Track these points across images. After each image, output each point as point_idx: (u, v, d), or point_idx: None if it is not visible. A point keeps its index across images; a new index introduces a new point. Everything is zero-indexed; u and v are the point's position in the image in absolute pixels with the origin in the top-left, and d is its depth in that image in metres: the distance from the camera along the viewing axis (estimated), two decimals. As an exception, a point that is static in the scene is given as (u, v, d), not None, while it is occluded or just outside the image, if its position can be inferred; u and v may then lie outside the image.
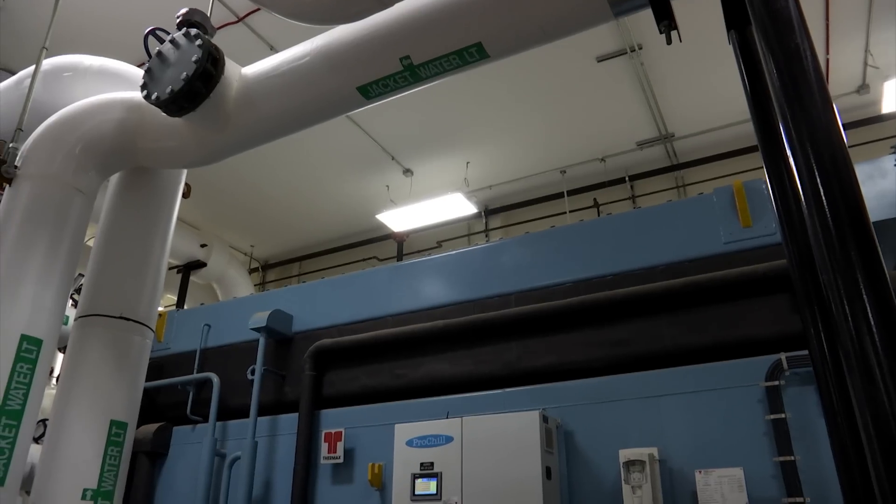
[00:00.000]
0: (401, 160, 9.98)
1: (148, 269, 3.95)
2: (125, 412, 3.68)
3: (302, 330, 5.67)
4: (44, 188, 3.54)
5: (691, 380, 4.05)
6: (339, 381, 5.29)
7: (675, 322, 4.23)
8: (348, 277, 5.93)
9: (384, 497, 4.64)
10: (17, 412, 3.15)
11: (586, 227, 5.07)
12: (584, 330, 4.48)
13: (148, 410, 5.90)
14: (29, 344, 3.24)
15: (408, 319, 5.16)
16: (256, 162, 9.64)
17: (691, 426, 3.96)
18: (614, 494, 3.91)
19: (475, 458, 4.10)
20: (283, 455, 5.24)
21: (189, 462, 5.64)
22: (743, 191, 4.38)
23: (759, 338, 3.99)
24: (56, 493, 3.40)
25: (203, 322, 6.21)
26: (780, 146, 1.53)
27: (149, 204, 4.03)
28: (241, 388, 5.57)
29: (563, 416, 4.31)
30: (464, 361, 4.82)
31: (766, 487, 3.64)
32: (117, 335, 3.73)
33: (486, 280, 5.05)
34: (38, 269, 3.39)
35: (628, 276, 4.50)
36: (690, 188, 9.72)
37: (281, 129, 3.46)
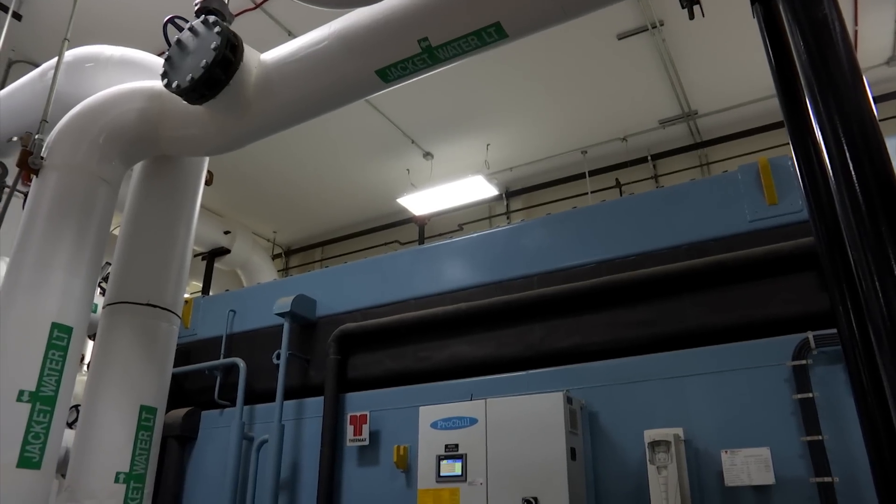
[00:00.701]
0: (421, 143, 9.96)
1: (173, 256, 3.99)
2: (154, 397, 3.74)
3: (325, 314, 5.71)
4: (69, 178, 3.58)
5: (716, 360, 4.01)
6: (363, 364, 5.33)
7: (700, 302, 4.19)
8: (370, 262, 5.95)
9: (410, 478, 4.69)
10: (51, 398, 3.22)
11: (608, 207, 5.03)
12: (607, 311, 4.45)
13: (177, 395, 6.00)
14: (60, 332, 3.30)
15: (430, 302, 5.17)
16: (278, 148, 9.68)
17: (717, 406, 3.93)
18: (639, 475, 3.91)
19: (499, 440, 4.12)
20: (310, 438, 5.31)
21: (218, 445, 5.74)
22: (768, 167, 4.30)
23: (786, 317, 3.94)
24: (90, 477, 3.48)
25: (228, 308, 6.29)
26: (807, 121, 1.50)
27: (172, 192, 4.07)
28: (267, 373, 5.64)
29: (587, 397, 4.30)
30: (487, 344, 4.83)
31: (793, 467, 3.61)
32: (145, 322, 3.79)
33: (508, 262, 5.03)
34: (67, 258, 3.44)
35: (652, 256, 4.46)
36: (714, 166, 9.58)
37: (301, 115, 3.46)
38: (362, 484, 4.94)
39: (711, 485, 3.79)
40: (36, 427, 3.14)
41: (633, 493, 3.95)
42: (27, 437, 3.10)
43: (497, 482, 4.04)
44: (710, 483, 3.80)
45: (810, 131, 1.49)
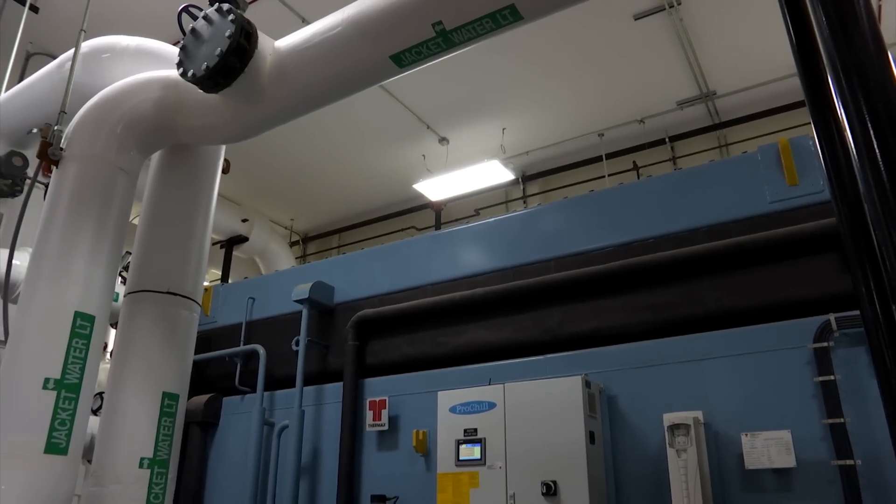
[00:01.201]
0: (436, 129, 9.93)
1: (192, 244, 4.02)
2: (176, 384, 3.79)
3: (343, 301, 5.74)
4: (89, 168, 3.61)
5: (736, 343, 3.99)
6: (381, 350, 5.36)
7: (720, 285, 4.16)
8: (388, 248, 5.96)
9: (429, 462, 4.72)
10: (75, 385, 3.27)
11: (626, 189, 4.99)
12: (625, 294, 4.43)
13: (198, 382, 6.08)
14: (83, 320, 3.35)
15: (448, 288, 5.18)
16: (294, 136, 9.70)
17: (737, 389, 3.91)
18: (659, 458, 3.90)
19: (518, 424, 4.13)
20: (330, 423, 5.36)
21: (239, 431, 5.81)
22: (789, 148, 4.24)
23: (807, 299, 3.90)
24: (115, 462, 3.54)
25: (247, 295, 6.34)
26: (829, 99, 1.47)
27: (190, 180, 4.09)
28: (287, 359, 5.68)
29: (606, 381, 4.30)
30: (505, 328, 4.83)
31: (814, 450, 3.59)
32: (165, 310, 3.83)
33: (525, 246, 5.02)
34: (88, 248, 3.48)
35: (670, 238, 4.43)
36: (733, 147, 9.46)
37: (316, 102, 3.46)
38: (382, 468, 4.99)
39: (731, 468, 3.78)
40: (62, 414, 3.19)
41: (652, 476, 3.95)
42: (53, 424, 3.15)
43: (516, 466, 4.05)
44: (730, 466, 3.78)
45: (832, 109, 1.46)
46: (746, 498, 3.70)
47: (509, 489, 4.02)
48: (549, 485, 3.86)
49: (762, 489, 3.67)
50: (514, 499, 3.98)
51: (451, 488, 4.22)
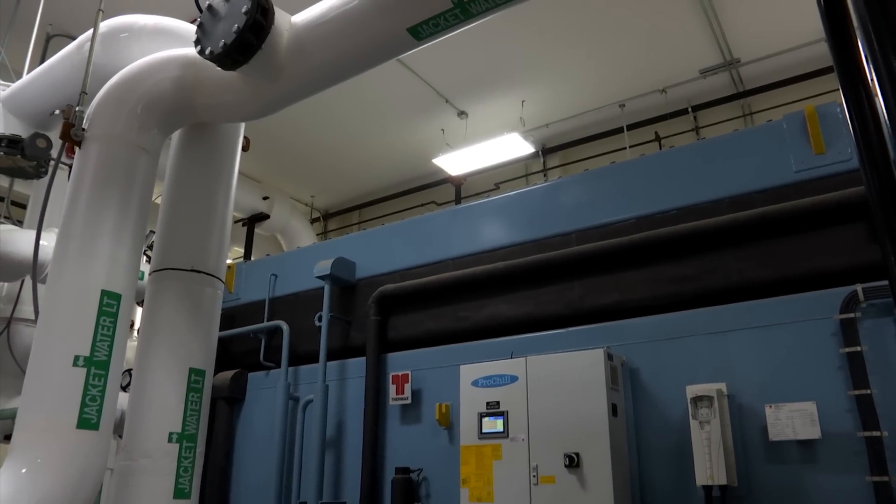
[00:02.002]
0: (455, 102, 9.85)
1: (214, 222, 4.05)
2: (202, 360, 3.85)
3: (365, 276, 5.77)
4: (111, 148, 3.64)
5: (761, 314, 3.95)
6: (403, 325, 5.39)
7: (744, 256, 4.11)
8: (408, 223, 5.97)
9: (452, 435, 4.76)
10: (104, 363, 3.33)
11: (648, 161, 4.93)
12: (648, 267, 4.40)
13: (224, 358, 6.18)
14: (109, 299, 3.40)
15: (469, 262, 5.18)
16: (313, 113, 9.69)
17: (761, 361, 3.88)
18: (681, 430, 3.90)
19: (540, 397, 4.15)
20: (353, 397, 5.42)
21: (265, 406, 5.91)
22: (815, 115, 4.15)
23: (833, 269, 3.84)
24: (145, 437, 3.61)
25: (270, 272, 6.39)
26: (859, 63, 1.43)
27: (210, 159, 4.11)
28: (310, 335, 5.74)
29: (628, 353, 4.29)
30: (526, 302, 4.83)
31: (840, 421, 3.56)
32: (190, 287, 3.87)
33: (546, 220, 4.99)
34: (112, 228, 3.52)
35: (693, 210, 4.37)
36: (758, 116, 9.27)
37: (333, 77, 3.44)
38: (406, 441, 5.04)
39: (755, 439, 3.77)
40: (92, 390, 3.26)
41: (675, 448, 3.96)
42: (84, 400, 3.22)
43: (539, 438, 4.08)
44: (754, 438, 3.77)
45: (862, 74, 1.42)
46: (770, 469, 3.70)
47: (532, 461, 4.05)
48: (572, 457, 3.88)
49: (786, 461, 3.66)
50: (536, 471, 4.01)
51: (474, 460, 4.26)
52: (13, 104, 5.21)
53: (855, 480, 3.45)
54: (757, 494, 3.69)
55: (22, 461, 3.11)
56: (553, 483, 3.94)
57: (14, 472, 3.09)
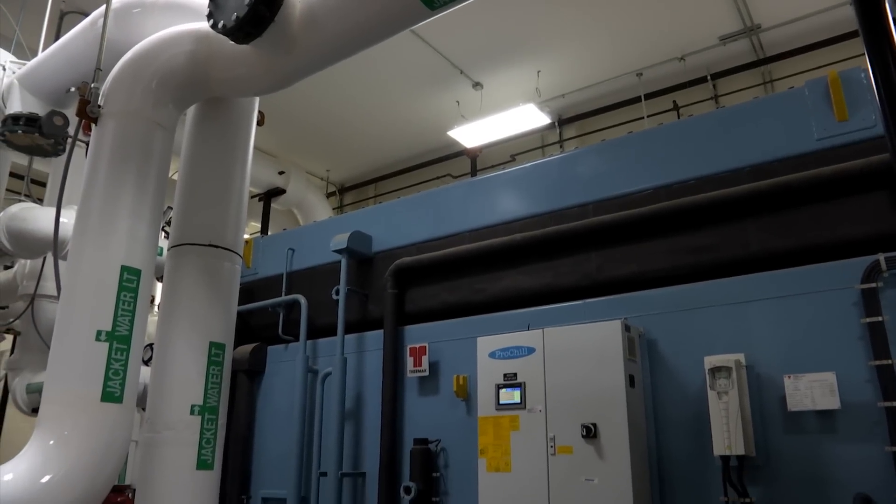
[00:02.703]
0: (470, 74, 9.75)
1: (231, 197, 4.07)
2: (222, 334, 3.90)
3: (381, 250, 5.78)
4: (127, 125, 3.66)
5: (781, 284, 3.91)
6: (420, 297, 5.41)
7: (764, 226, 4.06)
8: (424, 195, 5.96)
9: (470, 406, 4.80)
10: (126, 337, 3.38)
11: (666, 130, 4.86)
12: (666, 237, 4.37)
13: (243, 332, 6.25)
14: (129, 274, 3.45)
15: (485, 234, 5.17)
16: (327, 86, 9.65)
17: (780, 332, 3.85)
18: (699, 401, 3.90)
19: (558, 369, 4.16)
20: (371, 369, 5.47)
21: (284, 378, 5.98)
22: (839, 81, 4.06)
23: (855, 239, 3.79)
24: (167, 409, 3.68)
25: (287, 247, 6.43)
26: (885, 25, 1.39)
27: (226, 134, 4.12)
28: (327, 308, 5.78)
29: (646, 324, 4.28)
30: (543, 274, 4.82)
31: (860, 392, 3.54)
32: (208, 262, 3.91)
33: (562, 191, 4.96)
34: (130, 204, 3.55)
35: (712, 179, 4.32)
36: (779, 84, 9.09)
37: (347, 48, 3.42)
38: (424, 412, 5.09)
39: (773, 410, 3.76)
40: (115, 364, 3.32)
41: (692, 418, 3.96)
42: (108, 374, 3.28)
43: (556, 409, 4.10)
44: (772, 408, 3.76)
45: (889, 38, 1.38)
46: (788, 439, 3.69)
47: (549, 432, 4.07)
48: (590, 427, 3.90)
49: (805, 431, 3.65)
50: (554, 441, 4.03)
51: (491, 431, 4.30)
52: (29, 82, 5.23)
53: (874, 450, 3.44)
54: (775, 464, 3.69)
55: (49, 433, 3.19)
56: (570, 453, 3.97)
57: (42, 444, 3.17)
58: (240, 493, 5.90)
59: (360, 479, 5.30)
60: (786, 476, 3.65)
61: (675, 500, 3.94)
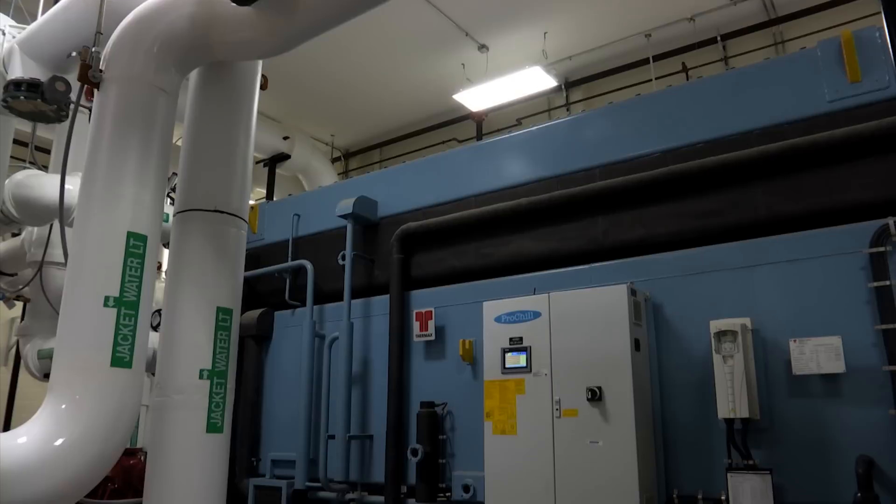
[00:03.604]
0: (475, 35, 9.61)
1: (235, 162, 4.06)
2: (229, 299, 3.92)
3: (387, 215, 5.77)
4: (129, 89, 3.63)
5: (788, 248, 3.89)
6: (426, 262, 5.41)
7: (773, 189, 4.02)
8: (430, 160, 5.92)
9: (476, 370, 4.84)
10: (134, 303, 3.41)
11: (674, 92, 4.79)
12: (673, 201, 4.34)
13: (250, 298, 6.28)
14: (135, 240, 3.46)
15: (491, 199, 5.14)
16: (330, 49, 9.52)
17: (788, 296, 3.85)
18: (704, 365, 3.91)
19: (563, 333, 4.17)
20: (378, 334, 5.51)
21: (292, 343, 6.03)
22: (852, 41, 3.97)
23: (864, 203, 3.75)
24: (177, 374, 3.73)
25: (292, 212, 6.42)
26: (903, -17, 1.35)
27: (229, 98, 4.09)
28: (334, 274, 5.80)
29: (652, 289, 4.28)
30: (549, 238, 4.81)
31: (865, 356, 3.54)
32: (214, 228, 3.92)
33: (569, 155, 4.91)
34: (135, 170, 3.55)
35: (721, 142, 4.27)
36: (790, 45, 8.92)
37: (351, 8, 3.36)
38: (430, 376, 5.14)
39: (778, 373, 3.77)
40: (123, 330, 3.35)
41: (697, 382, 3.98)
42: (117, 339, 3.32)
43: (561, 373, 4.12)
44: (778, 372, 3.78)
45: (906, -5, 1.35)
46: (793, 403, 3.71)
47: (555, 395, 4.10)
48: (595, 390, 3.93)
49: (809, 394, 3.67)
50: (559, 404, 4.07)
51: (497, 394, 4.34)
52: (29, 47, 5.18)
53: (878, 413, 3.45)
54: (779, 427, 3.72)
55: (61, 398, 3.23)
56: (575, 416, 4.00)
57: (55, 409, 3.21)
58: (250, 455, 6.00)
59: (368, 442, 5.38)
60: (789, 439, 3.68)
61: (679, 462, 3.98)
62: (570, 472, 3.95)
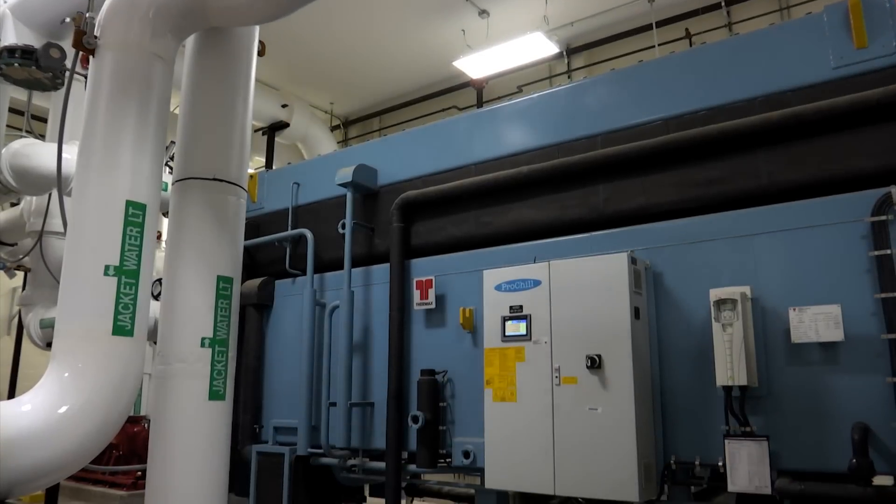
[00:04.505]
0: (475, 1, 9.46)
1: (233, 130, 4.03)
2: (229, 268, 3.93)
3: (387, 183, 5.75)
4: (125, 56, 3.58)
5: (789, 217, 3.88)
6: (426, 231, 5.41)
7: (775, 158, 3.99)
8: (429, 128, 5.87)
9: (476, 338, 4.86)
10: (134, 272, 3.41)
11: (677, 59, 4.73)
12: (675, 170, 4.31)
13: (250, 267, 6.29)
14: (134, 209, 3.45)
15: (492, 167, 5.11)
16: (328, 15, 9.39)
17: (788, 265, 3.84)
18: (704, 333, 3.93)
19: (563, 301, 4.18)
20: (378, 303, 5.52)
21: (293, 312, 6.05)
22: (859, 5, 3.90)
23: (867, 171, 3.73)
24: (178, 342, 3.75)
25: (292, 181, 6.39)
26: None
27: (226, 65, 4.04)
28: (334, 242, 5.80)
29: (652, 257, 4.27)
30: (550, 207, 4.79)
31: (864, 324, 3.55)
32: (213, 196, 3.90)
33: (570, 122, 4.87)
34: (132, 138, 3.52)
35: (724, 110, 4.22)
36: (796, 10, 8.80)
37: (348, -25, 3.31)
38: (430, 344, 5.16)
39: (777, 342, 3.79)
40: (124, 298, 3.35)
41: (696, 350, 4.00)
42: (118, 308, 3.33)
43: (561, 341, 4.14)
44: (776, 340, 3.79)
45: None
46: (790, 371, 3.74)
47: (554, 363, 4.13)
48: (594, 358, 3.96)
49: (807, 362, 3.69)
50: (559, 371, 4.10)
51: (497, 362, 4.37)
52: (22, 12, 5.10)
53: (876, 381, 3.48)
54: (776, 394, 3.75)
55: (64, 366, 3.25)
56: (575, 383, 4.03)
57: (58, 377, 3.24)
58: (252, 422, 6.07)
59: (369, 409, 5.43)
60: (786, 406, 3.71)
61: (677, 429, 4.02)
62: (568, 438, 4.00)
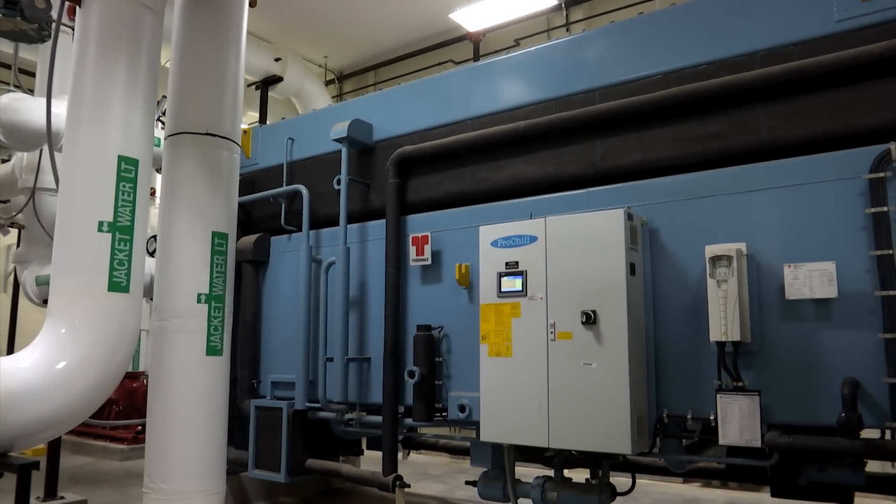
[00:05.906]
0: (472, -50, 9.23)
1: (225, 83, 3.97)
2: (224, 223, 3.91)
3: (383, 138, 5.69)
4: (113, 7, 3.50)
5: (787, 174, 3.86)
6: (422, 186, 5.37)
7: (775, 113, 3.95)
8: (425, 82, 5.78)
9: (472, 294, 4.88)
10: (128, 227, 3.39)
11: (678, 12, 4.63)
12: (673, 125, 4.27)
13: (246, 223, 6.26)
14: (126, 164, 3.41)
15: (488, 122, 5.06)
16: (321, -36, 9.15)
17: (784, 221, 3.84)
18: (699, 289, 3.95)
19: (559, 257, 4.19)
20: (374, 259, 5.52)
21: (289, 268, 6.06)
22: (865, -44, 3.81)
23: (867, 128, 3.69)
24: (174, 298, 3.75)
25: (286, 136, 6.32)
26: None
27: (217, 16, 3.95)
28: (329, 198, 5.77)
29: (649, 214, 4.26)
30: (547, 162, 4.75)
31: (858, 281, 3.57)
32: (206, 151, 3.86)
33: (568, 76, 4.80)
34: (122, 91, 3.46)
35: (724, 64, 4.16)
36: (800, -41, 8.59)
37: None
38: (427, 300, 5.19)
39: (771, 298, 3.81)
40: (119, 255, 3.35)
41: (691, 306, 4.03)
42: (112, 264, 3.32)
43: (557, 296, 4.16)
44: (771, 297, 3.81)
45: None
46: (784, 326, 3.77)
47: (550, 318, 4.16)
48: (589, 314, 3.98)
49: (800, 319, 3.72)
50: (554, 327, 4.13)
51: (493, 318, 4.39)
52: (7, -40, 4.95)
53: (867, 337, 3.51)
54: (769, 350, 3.79)
55: (61, 322, 3.26)
56: (570, 339, 4.07)
57: (55, 333, 3.25)
58: (250, 377, 6.13)
59: (366, 364, 5.48)
60: (778, 362, 3.76)
61: (671, 383, 4.08)
62: (563, 393, 4.05)
